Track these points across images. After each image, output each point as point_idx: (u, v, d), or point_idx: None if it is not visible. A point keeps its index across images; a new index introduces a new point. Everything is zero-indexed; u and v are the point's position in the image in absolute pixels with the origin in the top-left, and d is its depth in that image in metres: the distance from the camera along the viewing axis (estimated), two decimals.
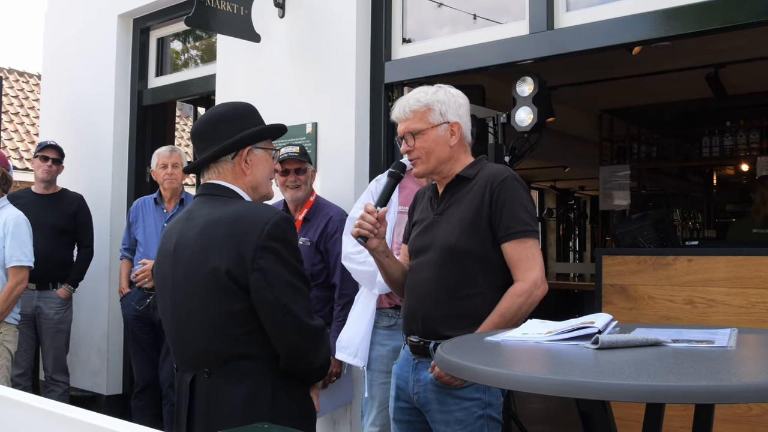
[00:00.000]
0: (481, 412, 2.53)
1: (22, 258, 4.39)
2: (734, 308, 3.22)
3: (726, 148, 8.70)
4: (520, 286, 2.50)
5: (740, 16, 3.24)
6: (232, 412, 2.17)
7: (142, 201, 5.13)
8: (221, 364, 2.20)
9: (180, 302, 2.27)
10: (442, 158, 2.62)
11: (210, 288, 2.18)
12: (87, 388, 6.11)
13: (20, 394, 1.61)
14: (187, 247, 2.25)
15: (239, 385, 2.18)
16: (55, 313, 5.22)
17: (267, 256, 2.15)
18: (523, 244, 2.50)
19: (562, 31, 3.74)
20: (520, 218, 2.51)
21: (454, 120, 2.62)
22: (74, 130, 6.43)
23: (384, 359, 3.44)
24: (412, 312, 2.66)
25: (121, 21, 6.24)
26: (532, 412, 5.93)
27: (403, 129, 2.64)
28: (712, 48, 6.25)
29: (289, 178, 3.95)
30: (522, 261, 2.50)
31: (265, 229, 2.16)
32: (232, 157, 2.33)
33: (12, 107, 14.72)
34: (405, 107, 2.63)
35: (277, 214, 2.22)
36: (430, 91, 2.64)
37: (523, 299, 2.48)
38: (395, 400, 2.74)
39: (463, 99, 2.69)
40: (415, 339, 2.63)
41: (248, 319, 2.17)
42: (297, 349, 2.22)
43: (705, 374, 1.58)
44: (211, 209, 2.27)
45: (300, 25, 4.72)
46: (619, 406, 2.61)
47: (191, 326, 2.25)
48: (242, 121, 2.36)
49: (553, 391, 1.55)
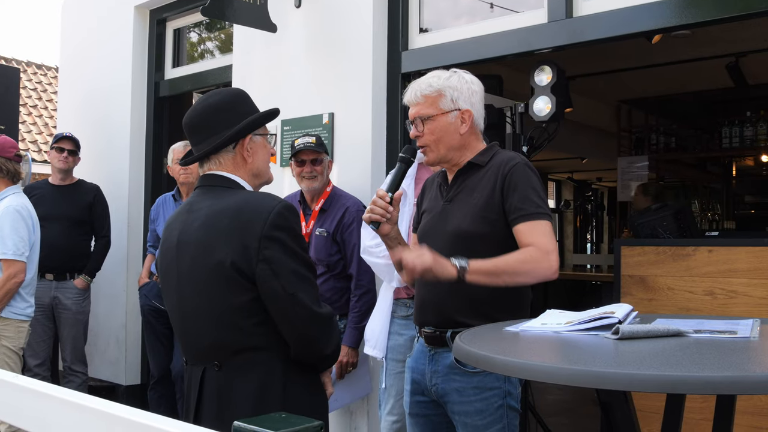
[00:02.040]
0: (501, 401, 2.51)
1: (6, 251, 4.12)
2: (756, 299, 3.18)
3: (746, 138, 8.61)
4: (530, 248, 2.38)
5: (762, 4, 3.19)
6: (243, 404, 2.16)
7: (163, 199, 5.15)
8: (231, 356, 2.18)
9: (186, 296, 2.26)
10: (451, 146, 2.58)
11: (216, 281, 2.16)
12: (106, 378, 6.16)
13: (37, 383, 1.61)
14: (190, 240, 2.23)
15: (249, 377, 2.17)
16: (73, 304, 5.26)
17: (272, 246, 2.12)
18: (535, 225, 2.42)
19: (581, 20, 3.70)
20: (533, 201, 2.44)
21: (465, 107, 2.57)
22: (91, 122, 6.46)
23: (401, 348, 3.43)
24: (424, 302, 2.63)
25: (137, 12, 6.25)
26: (549, 404, 5.91)
27: (413, 113, 2.60)
28: (732, 37, 6.18)
29: (305, 169, 3.94)
30: (534, 234, 2.40)
31: (268, 219, 2.13)
32: (233, 147, 2.31)
33: (30, 100, 14.82)
34: (416, 91, 2.59)
35: (280, 203, 2.20)
36: (443, 76, 2.59)
37: (530, 257, 2.37)
38: (411, 394, 2.70)
39: (477, 86, 2.63)
40: (430, 330, 2.59)
41: (256, 311, 2.16)
42: (307, 338, 2.20)
43: (728, 365, 1.56)
44: (213, 201, 2.24)
45: (316, 14, 4.71)
46: (639, 398, 2.58)
47: (198, 319, 2.23)
48: (237, 109, 2.33)
49: (574, 381, 1.54)
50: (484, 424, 2.49)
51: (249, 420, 1.16)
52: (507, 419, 2.52)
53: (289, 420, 1.16)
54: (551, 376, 1.57)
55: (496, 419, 2.50)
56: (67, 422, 1.47)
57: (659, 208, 5.55)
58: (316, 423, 1.14)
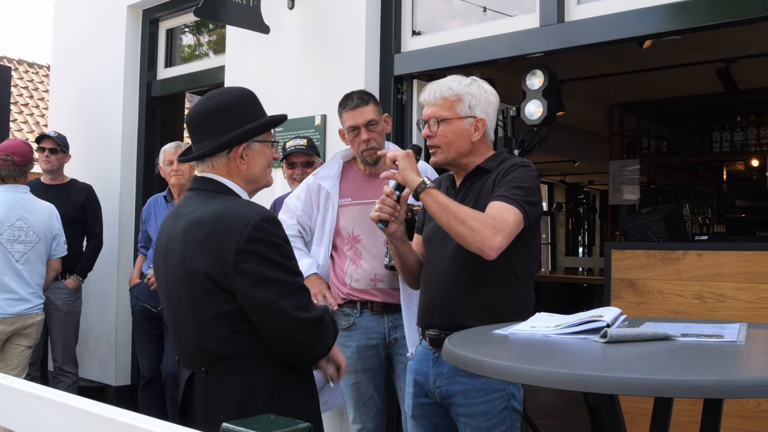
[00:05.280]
0: (505, 403, 2.52)
1: None
2: (744, 303, 3.20)
3: (736, 143, 8.66)
4: (490, 218, 2.36)
5: (753, 10, 3.22)
6: (228, 409, 2.13)
7: (154, 199, 5.14)
8: (216, 362, 2.15)
9: (172, 301, 2.24)
10: (461, 151, 2.60)
11: (193, 290, 2.13)
12: (95, 379, 6.14)
13: (26, 384, 1.61)
14: (174, 247, 2.20)
15: (233, 385, 2.12)
16: (64, 304, 5.23)
17: (249, 258, 2.06)
18: (506, 207, 2.39)
19: (572, 24, 3.72)
20: (516, 189, 2.43)
21: (480, 116, 2.59)
22: (83, 121, 6.45)
23: (350, 360, 3.30)
24: (429, 305, 2.63)
25: (130, 12, 6.24)
26: (539, 406, 5.92)
27: (429, 113, 2.61)
28: (723, 42, 6.22)
29: (296, 171, 3.95)
30: (498, 214, 2.38)
31: (245, 232, 2.06)
32: (227, 153, 2.24)
33: (21, 98, 14.75)
34: (436, 92, 2.60)
35: (258, 214, 2.12)
36: (464, 82, 2.61)
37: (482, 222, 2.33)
38: (413, 397, 2.70)
39: (494, 97, 2.65)
40: (434, 332, 2.59)
41: (238, 319, 2.10)
42: (294, 345, 2.15)
43: (714, 369, 1.57)
44: (196, 206, 2.20)
45: (309, 16, 4.71)
46: (627, 401, 2.60)
47: (185, 324, 2.21)
48: (241, 113, 2.26)
49: (561, 385, 1.55)
50: (488, 426, 2.50)
51: (237, 422, 1.17)
52: (510, 421, 2.53)
53: (277, 422, 1.16)
54: (539, 380, 1.58)
55: (500, 421, 2.51)
56: (57, 423, 1.47)
57: (650, 212, 5.57)
58: (304, 425, 1.14)
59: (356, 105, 3.31)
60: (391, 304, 3.30)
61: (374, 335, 3.33)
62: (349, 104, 3.33)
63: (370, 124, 3.29)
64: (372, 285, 3.31)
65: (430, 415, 2.66)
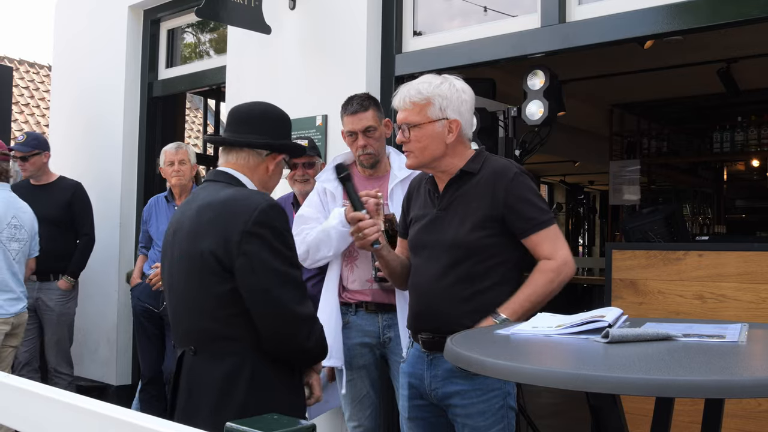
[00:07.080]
0: (502, 402, 2.53)
1: None
2: (745, 303, 3.20)
3: (737, 143, 8.67)
4: (550, 263, 2.48)
5: (754, 10, 3.22)
6: (209, 389, 2.22)
7: (155, 200, 5.12)
8: (207, 342, 2.25)
9: (175, 281, 2.34)
10: (435, 155, 2.56)
11: (198, 269, 2.23)
12: (96, 379, 6.14)
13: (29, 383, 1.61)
14: (182, 229, 2.32)
15: (219, 364, 2.22)
16: (56, 305, 5.20)
17: (253, 241, 2.17)
18: (547, 233, 2.50)
19: (574, 25, 3.72)
20: (540, 208, 2.51)
21: (453, 117, 2.54)
22: (84, 121, 6.45)
23: (344, 357, 3.33)
24: (419, 311, 2.63)
25: (131, 12, 6.24)
26: (540, 407, 5.92)
27: (401, 119, 2.59)
28: (724, 43, 6.22)
29: (297, 172, 3.94)
30: (549, 242, 2.49)
31: (252, 215, 2.18)
32: (266, 154, 2.39)
33: (23, 98, 14.75)
34: (405, 97, 2.57)
35: (267, 201, 2.25)
36: (434, 83, 2.56)
37: (554, 275, 2.48)
38: (408, 399, 2.69)
39: (467, 94, 2.60)
40: (428, 336, 2.59)
41: (234, 302, 2.20)
42: (278, 335, 2.22)
43: (715, 369, 1.57)
44: (209, 193, 2.32)
45: (311, 16, 4.71)
46: (629, 401, 2.60)
47: (184, 304, 2.32)
48: (287, 131, 2.47)
49: (563, 385, 1.55)
50: (486, 425, 2.51)
51: (241, 421, 1.17)
52: (507, 419, 2.55)
53: (281, 421, 1.16)
54: (541, 380, 1.58)
55: (498, 419, 2.52)
56: (59, 422, 1.47)
57: (650, 212, 5.57)
58: (307, 424, 1.15)
59: (355, 110, 3.33)
60: (386, 304, 3.31)
61: (368, 333, 3.34)
62: (349, 109, 3.35)
63: (367, 130, 3.32)
64: (368, 286, 3.32)
65: (425, 417, 2.67)
